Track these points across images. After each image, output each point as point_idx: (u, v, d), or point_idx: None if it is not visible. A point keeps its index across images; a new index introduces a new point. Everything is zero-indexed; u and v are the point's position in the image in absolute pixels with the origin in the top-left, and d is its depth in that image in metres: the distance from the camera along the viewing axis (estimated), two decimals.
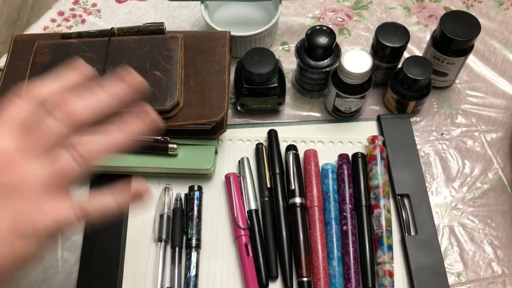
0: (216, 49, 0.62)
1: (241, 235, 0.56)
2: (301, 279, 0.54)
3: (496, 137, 0.66)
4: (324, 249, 0.56)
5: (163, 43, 0.61)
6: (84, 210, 0.37)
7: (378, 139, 0.61)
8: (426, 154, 0.65)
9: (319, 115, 0.67)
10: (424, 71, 0.60)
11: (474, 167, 0.64)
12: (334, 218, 0.57)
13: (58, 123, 0.36)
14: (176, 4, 0.76)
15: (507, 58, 0.72)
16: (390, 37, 0.62)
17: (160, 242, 0.57)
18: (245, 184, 0.60)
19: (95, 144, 0.38)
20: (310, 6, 0.77)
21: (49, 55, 0.60)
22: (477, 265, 0.58)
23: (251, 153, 0.63)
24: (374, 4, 0.77)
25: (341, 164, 0.61)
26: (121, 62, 0.59)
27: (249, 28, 0.67)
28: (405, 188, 0.60)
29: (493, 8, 0.76)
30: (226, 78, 0.60)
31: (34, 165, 0.36)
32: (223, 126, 0.60)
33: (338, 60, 0.61)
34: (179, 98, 0.57)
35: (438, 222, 0.60)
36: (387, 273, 0.54)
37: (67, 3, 0.77)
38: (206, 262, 0.57)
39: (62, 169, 0.37)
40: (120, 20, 0.75)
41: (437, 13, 0.76)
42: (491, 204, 0.61)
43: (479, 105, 0.68)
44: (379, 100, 0.68)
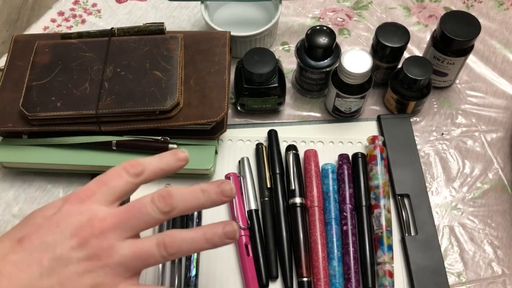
0: (216, 49, 0.62)
1: (241, 235, 0.56)
2: (301, 279, 0.54)
3: (496, 137, 0.66)
4: (324, 249, 0.56)
5: (163, 43, 0.61)
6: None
7: (378, 139, 0.61)
8: (426, 154, 0.65)
9: (319, 115, 0.67)
10: (424, 71, 0.60)
11: (474, 167, 0.64)
12: (334, 218, 0.57)
13: (158, 212, 0.40)
14: (176, 4, 0.76)
15: (507, 58, 0.72)
16: (390, 37, 0.62)
17: None
18: (245, 184, 0.60)
19: (179, 238, 0.40)
20: (310, 6, 0.77)
21: (49, 55, 0.60)
22: (477, 265, 0.58)
23: (251, 153, 0.63)
24: (374, 4, 0.77)
25: (341, 164, 0.61)
26: (121, 62, 0.59)
27: (249, 28, 0.67)
28: (405, 188, 0.60)
29: (493, 8, 0.76)
30: (226, 78, 0.60)
31: (122, 244, 0.39)
32: (223, 126, 0.60)
33: (338, 60, 0.61)
34: (179, 98, 0.57)
35: (438, 222, 0.60)
36: (387, 273, 0.54)
37: (67, 3, 0.77)
38: (206, 262, 0.57)
39: (144, 254, 0.39)
40: (120, 20, 0.75)
41: (437, 13, 0.76)
42: (491, 204, 0.61)
43: (479, 105, 0.68)
44: (379, 100, 0.68)
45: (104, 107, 0.57)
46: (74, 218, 0.39)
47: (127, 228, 0.40)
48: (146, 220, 0.40)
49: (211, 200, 0.42)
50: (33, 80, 0.59)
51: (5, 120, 0.58)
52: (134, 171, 0.41)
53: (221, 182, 0.42)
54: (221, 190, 0.42)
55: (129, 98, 0.57)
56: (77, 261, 0.38)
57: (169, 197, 0.40)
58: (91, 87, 0.58)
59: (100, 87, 0.58)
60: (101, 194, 0.41)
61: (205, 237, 0.41)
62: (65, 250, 0.38)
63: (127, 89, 0.58)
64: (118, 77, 0.58)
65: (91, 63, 0.60)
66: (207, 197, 0.41)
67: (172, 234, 0.40)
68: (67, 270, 0.38)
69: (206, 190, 0.41)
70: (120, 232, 0.39)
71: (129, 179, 0.41)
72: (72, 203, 0.40)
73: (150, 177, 0.42)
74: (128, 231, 0.40)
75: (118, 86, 0.58)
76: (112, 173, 0.42)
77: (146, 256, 0.40)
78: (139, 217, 0.40)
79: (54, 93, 0.57)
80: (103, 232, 0.39)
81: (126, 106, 0.57)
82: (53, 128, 0.58)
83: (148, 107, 0.56)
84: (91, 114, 0.56)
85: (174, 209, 0.40)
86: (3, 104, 0.59)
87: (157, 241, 0.40)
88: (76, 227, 0.39)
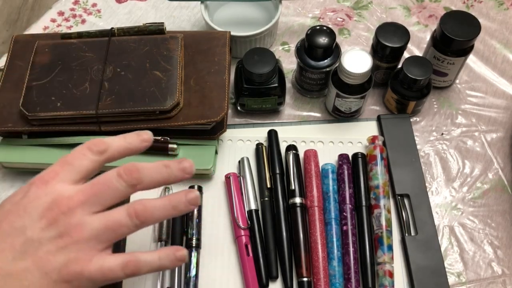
0: (216, 49, 0.62)
1: (241, 235, 0.56)
2: (301, 279, 0.54)
3: (496, 137, 0.66)
4: (324, 249, 0.56)
5: (163, 43, 0.61)
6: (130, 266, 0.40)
7: (378, 139, 0.61)
8: (426, 154, 0.65)
9: (319, 115, 0.67)
10: (424, 71, 0.60)
11: (474, 167, 0.64)
12: (334, 218, 0.57)
13: (125, 186, 0.41)
14: (176, 4, 0.76)
15: (507, 58, 0.72)
16: (390, 37, 0.62)
17: (160, 242, 0.57)
18: (245, 184, 0.60)
19: (150, 206, 0.41)
20: (310, 6, 0.77)
21: (49, 55, 0.60)
22: (477, 265, 0.58)
23: (251, 153, 0.63)
24: (374, 4, 0.77)
25: (341, 164, 0.61)
26: (121, 62, 0.59)
27: (249, 28, 0.67)
28: (405, 188, 0.60)
29: (493, 8, 0.76)
30: (226, 78, 0.60)
31: (91, 218, 0.40)
32: (223, 126, 0.60)
33: (338, 60, 0.61)
34: (179, 98, 0.57)
35: (438, 222, 0.60)
36: (387, 273, 0.54)
37: (67, 3, 0.77)
38: (206, 262, 0.57)
39: (114, 223, 0.40)
40: (120, 20, 0.75)
41: (437, 13, 0.76)
42: (491, 204, 0.61)
43: (479, 105, 0.68)
44: (379, 100, 0.68)
45: (104, 107, 0.57)
46: (40, 200, 0.40)
47: (95, 203, 0.40)
48: (113, 194, 0.41)
49: (174, 175, 0.43)
50: (33, 80, 0.59)
51: (5, 120, 0.58)
52: (98, 149, 0.42)
53: (181, 160, 0.43)
54: (182, 167, 0.43)
55: (129, 98, 0.57)
56: (48, 241, 0.39)
57: (136, 171, 0.41)
58: (91, 87, 0.58)
59: (100, 87, 0.58)
60: (65, 173, 0.41)
61: (171, 204, 0.42)
62: (35, 232, 0.39)
63: (127, 89, 0.58)
64: (118, 77, 0.58)
65: (91, 63, 0.60)
66: (170, 172, 0.43)
67: (142, 203, 0.41)
68: (40, 250, 0.39)
69: (169, 166, 0.43)
70: (88, 207, 0.40)
71: (93, 157, 0.42)
72: (38, 186, 0.41)
73: (115, 155, 0.43)
74: (96, 206, 0.40)
75: (118, 86, 0.58)
76: (75, 152, 0.42)
77: (118, 227, 0.40)
78: (106, 192, 0.41)
79: (54, 93, 0.57)
80: (70, 209, 0.40)
81: (126, 106, 0.57)
82: (53, 128, 0.58)
83: (148, 107, 0.56)
84: (91, 114, 0.57)
85: (140, 183, 0.41)
86: (3, 104, 0.59)
87: (127, 211, 0.40)
88: (43, 208, 0.40)
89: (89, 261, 0.40)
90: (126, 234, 0.41)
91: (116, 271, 0.40)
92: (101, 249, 0.40)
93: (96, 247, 0.40)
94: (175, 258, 0.42)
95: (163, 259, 0.42)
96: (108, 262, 0.40)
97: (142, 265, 0.41)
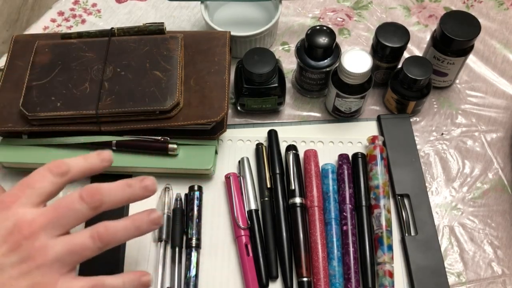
0: (216, 49, 0.62)
1: (241, 235, 0.56)
2: (301, 279, 0.54)
3: (496, 137, 0.66)
4: (324, 249, 0.56)
5: (163, 43, 0.61)
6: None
7: (378, 139, 0.61)
8: (426, 154, 0.65)
9: (319, 115, 0.67)
10: (424, 71, 0.60)
11: (474, 167, 0.64)
12: (334, 218, 0.57)
13: (87, 208, 0.41)
14: (176, 4, 0.76)
15: (507, 58, 0.72)
16: (390, 37, 0.62)
17: (160, 242, 0.57)
18: (245, 184, 0.60)
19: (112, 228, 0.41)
20: (310, 6, 0.77)
21: (49, 55, 0.60)
22: (477, 265, 0.58)
23: (251, 153, 0.63)
24: (374, 4, 0.77)
25: (341, 164, 0.61)
26: (121, 62, 0.59)
27: (249, 28, 0.67)
28: (405, 188, 0.60)
29: (493, 8, 0.76)
30: (226, 78, 0.60)
31: (55, 242, 0.40)
32: (223, 126, 0.60)
33: (338, 60, 0.61)
34: (179, 98, 0.57)
35: (438, 222, 0.60)
36: (387, 273, 0.54)
37: (67, 3, 0.77)
38: (206, 262, 0.57)
39: (77, 246, 0.41)
40: (120, 20, 0.75)
41: (437, 13, 0.76)
42: (491, 204, 0.61)
43: (479, 105, 0.68)
44: (379, 100, 0.68)
45: (104, 107, 0.57)
46: (1, 224, 0.40)
47: (57, 226, 0.40)
48: (76, 216, 0.41)
49: (136, 194, 0.43)
50: (33, 80, 0.59)
51: (5, 120, 0.58)
52: (59, 171, 0.42)
53: (143, 178, 0.44)
54: (144, 186, 0.43)
55: (129, 98, 0.57)
56: (10, 266, 0.39)
57: (98, 193, 0.41)
58: (91, 87, 0.58)
59: (100, 87, 0.58)
60: (26, 197, 0.41)
61: (134, 225, 0.42)
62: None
63: (127, 89, 0.58)
64: (118, 77, 0.58)
65: (91, 63, 0.60)
66: (133, 192, 0.43)
67: (105, 225, 0.41)
68: (2, 276, 0.39)
69: (131, 185, 0.43)
70: (51, 230, 0.40)
71: (54, 180, 0.42)
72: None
73: (76, 176, 0.43)
74: (58, 229, 0.41)
75: (118, 86, 0.58)
76: (36, 175, 0.42)
77: (81, 250, 0.41)
78: (69, 215, 0.41)
79: (54, 93, 0.57)
80: (33, 233, 0.40)
81: (126, 106, 0.57)
82: (53, 128, 0.58)
83: (148, 107, 0.56)
84: (91, 114, 0.56)
85: (102, 204, 0.41)
86: (3, 104, 0.59)
87: (91, 234, 0.41)
88: (5, 233, 0.40)
89: (53, 285, 0.40)
90: (89, 256, 0.41)
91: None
92: (65, 272, 0.41)
93: (60, 271, 0.40)
94: (140, 283, 0.43)
95: (127, 284, 0.42)
96: (72, 286, 0.40)
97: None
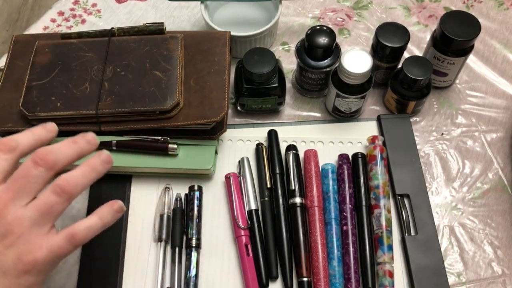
0: (216, 49, 0.62)
1: (241, 235, 0.56)
2: (301, 279, 0.54)
3: (496, 137, 0.66)
4: (324, 249, 0.56)
5: (163, 43, 0.61)
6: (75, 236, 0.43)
7: (378, 139, 0.61)
8: (426, 154, 0.65)
9: (319, 115, 0.67)
10: (424, 71, 0.60)
11: (474, 167, 0.64)
12: (334, 218, 0.57)
13: (43, 171, 0.43)
14: (176, 4, 0.76)
15: (507, 58, 0.72)
16: (390, 37, 0.62)
17: (160, 242, 0.57)
18: (245, 184, 0.60)
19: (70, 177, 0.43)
20: (310, 6, 0.77)
21: (49, 55, 0.60)
22: (477, 265, 0.58)
23: (251, 153, 0.63)
24: (374, 4, 0.77)
25: (341, 164, 0.61)
26: (121, 62, 0.59)
27: (249, 28, 0.67)
28: (405, 188, 0.60)
29: (493, 8, 0.76)
30: (226, 78, 0.60)
31: (24, 209, 0.42)
32: (223, 126, 0.60)
33: (338, 60, 0.61)
34: (179, 98, 0.57)
35: (438, 222, 0.60)
36: (387, 273, 0.54)
37: (67, 3, 0.77)
38: (206, 262, 0.57)
39: (46, 204, 0.42)
40: (120, 20, 0.75)
41: (437, 13, 0.76)
42: (491, 204, 0.61)
43: (479, 105, 0.68)
44: (379, 100, 0.68)
45: (104, 107, 0.57)
46: None
47: (23, 196, 0.42)
48: (36, 181, 0.43)
49: (82, 148, 0.45)
50: (33, 80, 0.59)
51: (5, 120, 0.58)
52: (7, 147, 0.44)
53: (84, 134, 0.46)
54: (87, 139, 0.46)
55: (129, 98, 0.57)
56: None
57: (49, 153, 0.43)
58: (91, 87, 0.58)
59: (100, 87, 0.58)
60: None
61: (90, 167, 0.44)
62: None
63: (127, 89, 0.58)
64: (118, 77, 0.58)
65: (91, 63, 0.60)
66: (79, 146, 0.45)
67: (64, 177, 0.43)
68: None
69: (76, 141, 0.45)
70: (18, 201, 0.42)
71: (6, 156, 0.44)
72: None
73: (26, 150, 0.45)
74: (25, 198, 0.42)
75: (118, 86, 0.58)
76: None
77: (51, 207, 0.42)
78: (29, 182, 0.43)
79: (54, 93, 0.57)
80: (2, 210, 0.42)
81: (126, 106, 0.57)
82: None
83: (148, 107, 0.56)
84: (91, 114, 0.56)
85: (56, 163, 0.43)
86: (3, 104, 0.59)
87: (53, 190, 0.42)
88: None
89: (39, 248, 0.42)
90: (62, 210, 0.43)
91: (65, 246, 0.43)
92: (46, 232, 0.43)
93: (40, 233, 0.42)
94: (115, 211, 0.45)
95: (104, 218, 0.44)
96: (55, 241, 0.42)
97: (86, 232, 0.43)
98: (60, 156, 0.44)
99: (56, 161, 0.43)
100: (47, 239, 0.42)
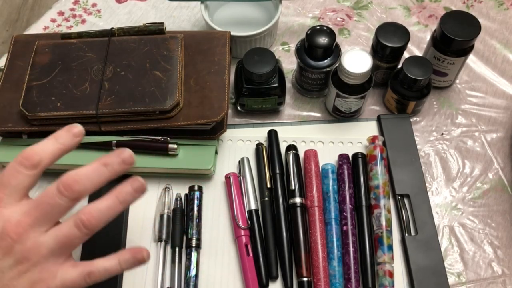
0: (216, 49, 0.62)
1: (241, 235, 0.56)
2: (301, 279, 0.54)
3: (496, 137, 0.66)
4: (324, 249, 0.56)
5: (163, 43, 0.61)
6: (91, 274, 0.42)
7: (378, 139, 0.61)
8: (426, 154, 0.65)
9: (319, 115, 0.67)
10: (424, 71, 0.60)
11: (474, 167, 0.64)
12: (334, 218, 0.57)
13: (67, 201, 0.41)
14: (176, 4, 0.76)
15: (507, 58, 0.72)
16: (390, 37, 0.62)
17: (160, 242, 0.57)
18: (245, 184, 0.60)
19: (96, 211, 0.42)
20: (310, 6, 0.77)
21: (49, 55, 0.60)
22: (477, 265, 0.58)
23: (251, 153, 0.63)
24: (374, 4, 0.77)
25: (341, 164, 0.61)
26: (121, 62, 0.59)
27: (249, 28, 0.67)
28: (405, 188, 0.60)
29: (493, 8, 0.76)
30: (226, 78, 0.60)
31: (44, 237, 0.41)
32: (223, 126, 0.60)
33: (338, 60, 0.61)
34: (179, 98, 0.57)
35: (438, 222, 0.60)
36: (387, 273, 0.54)
37: (67, 3, 0.77)
38: (206, 262, 0.57)
39: (66, 237, 0.41)
40: (120, 20, 0.75)
41: (437, 13, 0.76)
42: (491, 204, 0.61)
43: (479, 105, 0.68)
44: (379, 100, 0.68)
45: (104, 107, 0.57)
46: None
47: (43, 222, 0.41)
48: (58, 210, 0.41)
49: (115, 171, 0.42)
50: (33, 80, 0.59)
51: (5, 120, 0.58)
52: (31, 163, 0.42)
53: (120, 152, 0.43)
54: (122, 160, 0.43)
55: (129, 98, 0.57)
56: (9, 268, 0.40)
57: (75, 183, 0.41)
58: (91, 87, 0.58)
59: (100, 87, 0.58)
60: (7, 197, 0.42)
61: (118, 200, 0.42)
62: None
63: (127, 89, 0.58)
64: (118, 77, 0.58)
65: (91, 63, 0.60)
66: (111, 170, 0.42)
67: (88, 211, 0.41)
68: (3, 279, 0.40)
69: (108, 163, 0.42)
70: (38, 228, 0.41)
71: (29, 172, 0.42)
72: None
73: (49, 163, 0.43)
74: (44, 225, 0.41)
75: (118, 86, 0.58)
76: (9, 171, 0.42)
77: (70, 240, 0.41)
78: (51, 210, 0.41)
79: (54, 93, 0.57)
80: (21, 235, 0.40)
81: (126, 106, 0.57)
82: (53, 128, 0.57)
83: (148, 107, 0.56)
84: (91, 114, 0.57)
85: (82, 193, 0.41)
86: (3, 104, 0.59)
87: (74, 223, 0.41)
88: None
89: (53, 278, 0.41)
90: (79, 243, 0.42)
91: (78, 282, 0.42)
92: (62, 262, 0.42)
93: (56, 262, 0.41)
94: (136, 260, 0.43)
95: (123, 263, 0.43)
96: (70, 275, 0.42)
97: (103, 274, 0.42)
98: (88, 185, 0.41)
99: (81, 192, 0.41)
100: (62, 270, 0.42)
